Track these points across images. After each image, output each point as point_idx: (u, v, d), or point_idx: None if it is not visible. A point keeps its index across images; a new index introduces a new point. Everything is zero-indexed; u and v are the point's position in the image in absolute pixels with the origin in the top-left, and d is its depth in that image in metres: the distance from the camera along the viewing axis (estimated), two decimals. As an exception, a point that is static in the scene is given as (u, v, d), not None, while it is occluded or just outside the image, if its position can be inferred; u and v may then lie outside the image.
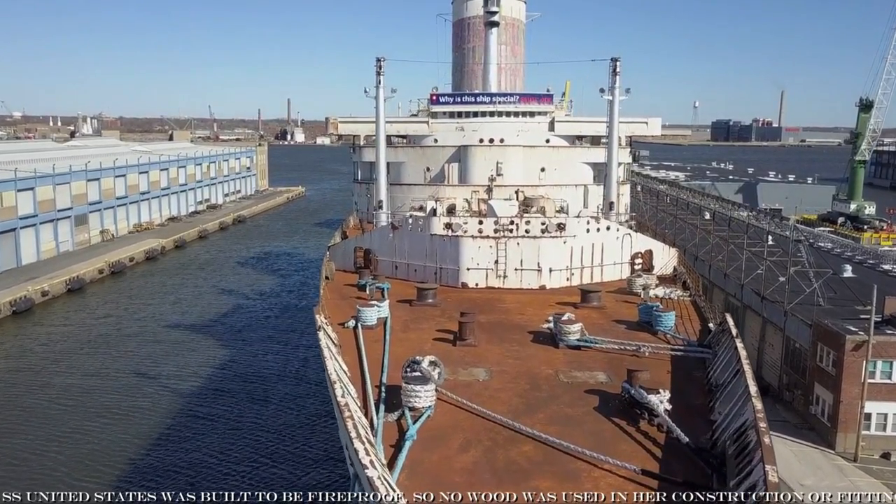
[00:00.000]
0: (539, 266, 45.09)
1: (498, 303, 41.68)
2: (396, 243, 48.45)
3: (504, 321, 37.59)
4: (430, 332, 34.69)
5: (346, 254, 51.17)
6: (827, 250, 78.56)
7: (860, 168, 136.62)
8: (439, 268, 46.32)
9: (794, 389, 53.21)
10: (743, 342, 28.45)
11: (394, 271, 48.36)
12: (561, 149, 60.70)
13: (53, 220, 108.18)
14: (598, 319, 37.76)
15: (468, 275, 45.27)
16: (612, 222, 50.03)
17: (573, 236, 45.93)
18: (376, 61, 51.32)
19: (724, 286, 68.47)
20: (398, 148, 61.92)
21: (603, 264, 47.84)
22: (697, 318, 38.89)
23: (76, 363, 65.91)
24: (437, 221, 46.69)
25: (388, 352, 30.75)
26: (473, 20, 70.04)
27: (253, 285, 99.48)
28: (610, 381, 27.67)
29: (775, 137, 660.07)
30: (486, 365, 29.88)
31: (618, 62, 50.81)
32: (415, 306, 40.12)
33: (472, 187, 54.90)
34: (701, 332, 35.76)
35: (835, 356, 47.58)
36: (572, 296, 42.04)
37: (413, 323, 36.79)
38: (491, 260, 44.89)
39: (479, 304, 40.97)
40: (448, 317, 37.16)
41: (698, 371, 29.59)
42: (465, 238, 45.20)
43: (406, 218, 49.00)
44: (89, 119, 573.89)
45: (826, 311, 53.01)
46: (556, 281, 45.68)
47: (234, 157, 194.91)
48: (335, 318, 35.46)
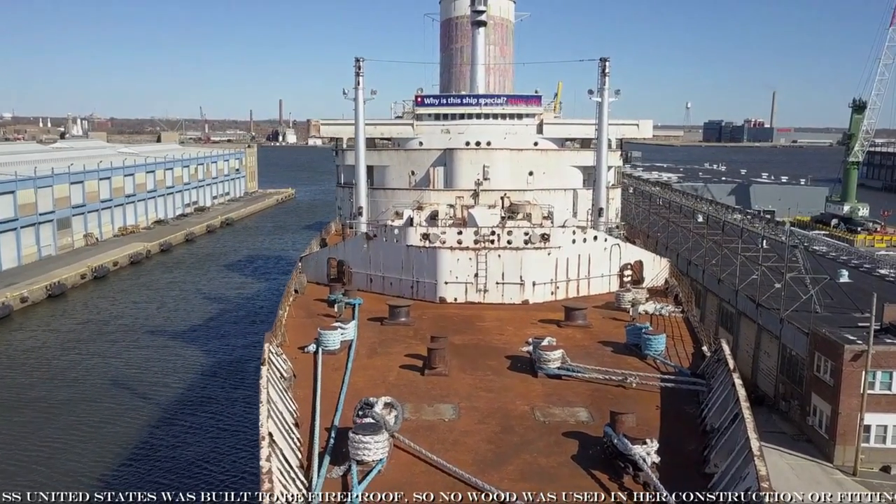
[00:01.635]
0: (522, 280, 42.70)
1: (476, 321, 39.22)
2: (371, 255, 46.01)
3: (480, 343, 35.10)
4: (398, 358, 32.13)
5: (319, 265, 48.75)
6: (822, 254, 77.26)
7: (853, 169, 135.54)
8: (416, 281, 43.91)
9: (791, 399, 51.74)
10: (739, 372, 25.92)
11: (368, 284, 45.95)
12: (549, 152, 58.74)
13: (35, 224, 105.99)
14: (583, 340, 35.34)
15: (446, 289, 42.83)
16: (599, 232, 47.68)
17: (558, 247, 43.59)
18: (355, 61, 49.25)
19: (718, 292, 67.02)
20: (382, 151, 60.00)
21: (590, 277, 45.43)
22: (690, 338, 36.35)
23: (53, 370, 64.14)
24: (413, 232, 44.15)
25: (348, 384, 28.06)
26: (461, 20, 68.16)
27: (239, 290, 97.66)
28: (591, 421, 25.01)
29: (767, 138, 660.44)
30: (455, 399, 27.28)
31: (607, 62, 48.73)
32: (386, 325, 37.64)
33: (457, 192, 52.94)
34: (694, 355, 33.29)
35: (833, 366, 46.11)
36: (556, 312, 39.56)
37: (382, 346, 34.22)
38: (470, 273, 42.50)
39: (455, 322, 38.65)
40: (420, 338, 34.72)
41: (691, 406, 26.96)
42: (442, 250, 42.73)
43: (381, 228, 46.68)
44: (79, 120, 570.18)
45: (823, 319, 51.54)
46: (540, 295, 43.24)
47: (223, 159, 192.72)
48: (296, 341, 33.03)
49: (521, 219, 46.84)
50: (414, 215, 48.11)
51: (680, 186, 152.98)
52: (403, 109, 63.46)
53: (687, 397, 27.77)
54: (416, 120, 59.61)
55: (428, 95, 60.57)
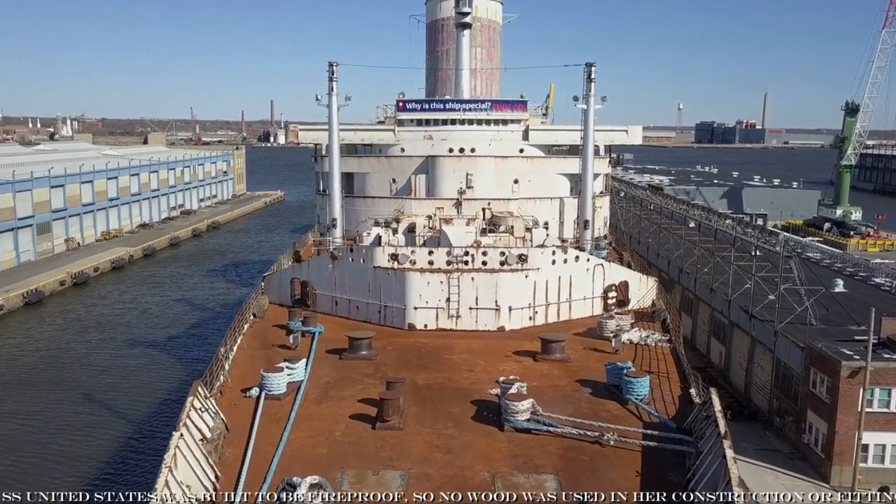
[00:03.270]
0: (497, 305, 39.92)
1: (445, 352, 36.42)
2: (336, 276, 43.05)
3: (446, 384, 32.13)
4: (350, 404, 29.04)
5: (283, 285, 45.83)
6: (816, 261, 75.64)
7: (846, 173, 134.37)
8: (383, 306, 41.01)
9: (786, 416, 50.02)
10: (729, 438, 23.24)
11: (334, 308, 43.22)
12: (535, 159, 56.83)
13: (13, 229, 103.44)
14: (560, 378, 32.60)
15: (416, 315, 39.96)
16: (581, 252, 44.90)
17: (536, 269, 40.83)
18: (328, 66, 46.78)
19: (711, 301, 65.31)
20: (362, 158, 57.98)
21: (571, 300, 42.69)
22: (677, 376, 33.61)
23: (25, 380, 61.82)
24: (380, 252, 41.31)
25: (285, 441, 24.88)
26: (447, 22, 66.29)
27: (223, 295, 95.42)
28: (560, 492, 22.15)
29: (759, 139, 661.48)
30: (405, 463, 24.14)
31: (593, 67, 46.41)
32: (345, 360, 34.73)
33: (440, 201, 50.95)
34: (681, 399, 30.50)
35: (829, 383, 44.39)
36: (533, 341, 36.87)
37: (335, 388, 31.14)
38: (442, 297, 39.62)
39: (422, 355, 35.89)
40: (380, 377, 31.90)
41: (675, 473, 24.18)
42: (412, 272, 39.81)
43: (347, 247, 43.90)
44: (69, 120, 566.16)
45: (818, 332, 49.80)
46: (517, 321, 40.55)
47: (210, 161, 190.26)
48: (241, 380, 29.86)
49: (503, 231, 44.75)
50: (383, 233, 45.08)
51: (672, 190, 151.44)
52: (385, 114, 61.47)
53: (671, 459, 24.94)
54: (397, 125, 57.62)
55: (410, 100, 58.62)
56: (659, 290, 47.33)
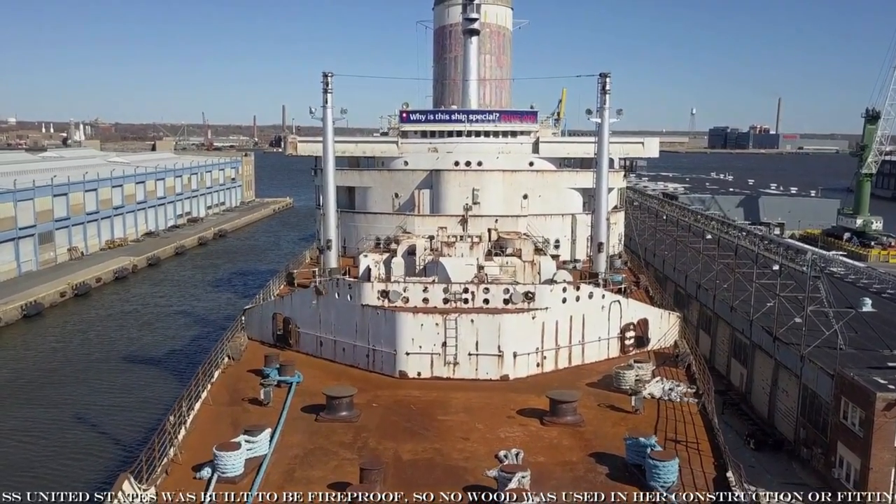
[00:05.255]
0: (500, 350, 35.19)
1: (439, 412, 31.83)
2: (321, 313, 38.53)
3: (436, 459, 27.31)
4: (320, 487, 24.67)
5: (264, 321, 41.39)
6: (839, 276, 72.34)
7: (866, 182, 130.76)
8: (372, 349, 36.45)
9: (814, 447, 46.89)
10: None
11: (318, 349, 38.94)
12: (546, 173, 53.63)
13: (14, 239, 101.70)
14: (571, 451, 27.89)
15: (407, 361, 35.32)
16: (596, 288, 40.09)
17: (545, 309, 36.10)
18: (323, 77, 43.46)
19: (731, 320, 62.19)
20: (363, 171, 55.26)
21: (584, 342, 37.99)
22: (709, 448, 28.60)
23: (20, 397, 59.67)
24: (369, 288, 36.73)
25: None
26: (455, 28, 63.74)
27: (222, 309, 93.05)
28: None
29: (773, 145, 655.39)
30: None
31: (607, 78, 42.63)
32: (321, 422, 30.04)
33: (444, 218, 47.81)
34: (716, 482, 25.77)
35: (863, 415, 41.28)
36: (540, 395, 32.27)
37: (304, 466, 26.40)
38: (437, 342, 34.92)
39: (412, 415, 31.35)
40: (360, 447, 27.52)
41: None
42: (404, 312, 35.25)
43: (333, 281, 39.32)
44: (82, 125, 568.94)
45: (848, 357, 46.73)
46: (523, 368, 35.81)
47: (218, 168, 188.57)
48: (197, 452, 25.49)
49: (510, 254, 41.29)
50: (373, 265, 40.51)
51: (687, 198, 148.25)
52: (389, 125, 58.73)
53: None
54: (401, 137, 54.79)
55: (414, 111, 55.75)
56: (682, 328, 43.22)
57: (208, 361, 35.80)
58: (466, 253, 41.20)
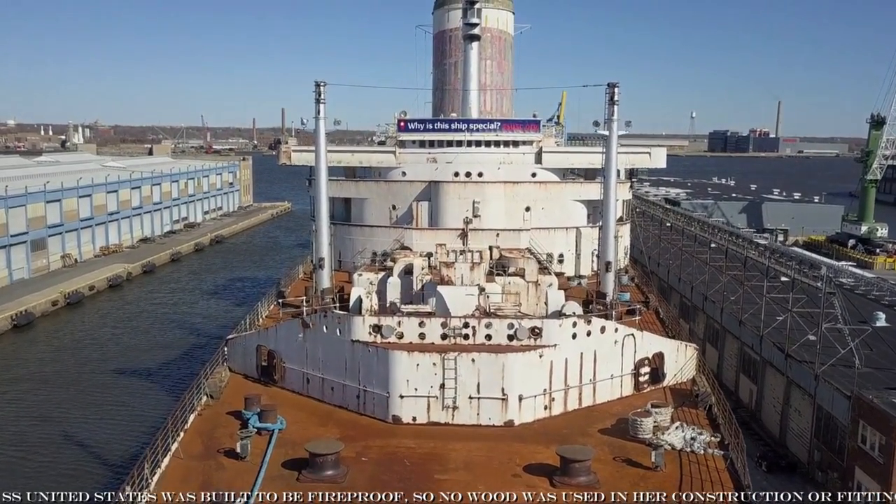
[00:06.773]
0: (504, 393, 32.30)
1: (436, 468, 28.71)
2: (308, 347, 35.66)
3: None
4: None
5: (248, 353, 38.31)
6: (850, 288, 70.42)
7: (871, 188, 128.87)
8: (363, 390, 33.60)
9: (829, 471, 45.00)
10: None
11: (304, 386, 36.00)
12: (549, 184, 51.55)
13: (6, 246, 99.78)
14: None
15: (401, 405, 32.45)
16: (608, 322, 37.11)
17: (553, 346, 33.29)
18: (315, 86, 41.18)
19: (740, 334, 60.28)
20: (360, 182, 53.27)
21: (596, 381, 35.25)
22: None
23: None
24: (359, 322, 33.73)
25: None
26: (455, 32, 61.92)
27: (217, 318, 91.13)
28: None
29: (773, 148, 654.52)
30: None
31: (616, 88, 40.29)
32: (303, 482, 26.82)
33: (443, 232, 45.58)
34: None
35: (882, 441, 39.40)
36: (550, 445, 29.47)
37: None
38: (435, 383, 32.04)
39: (406, 472, 28.20)
40: None
41: None
42: (397, 350, 32.33)
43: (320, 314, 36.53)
44: (81, 128, 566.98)
45: (865, 377, 44.88)
46: (529, 412, 32.95)
47: (215, 173, 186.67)
48: None
49: (513, 273, 38.99)
50: (364, 295, 37.24)
51: (689, 204, 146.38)
52: (386, 134, 56.72)
53: None
54: (398, 147, 52.76)
55: (412, 120, 53.75)
56: (699, 361, 40.72)
57: (181, 404, 32.62)
58: (466, 274, 38.52)
